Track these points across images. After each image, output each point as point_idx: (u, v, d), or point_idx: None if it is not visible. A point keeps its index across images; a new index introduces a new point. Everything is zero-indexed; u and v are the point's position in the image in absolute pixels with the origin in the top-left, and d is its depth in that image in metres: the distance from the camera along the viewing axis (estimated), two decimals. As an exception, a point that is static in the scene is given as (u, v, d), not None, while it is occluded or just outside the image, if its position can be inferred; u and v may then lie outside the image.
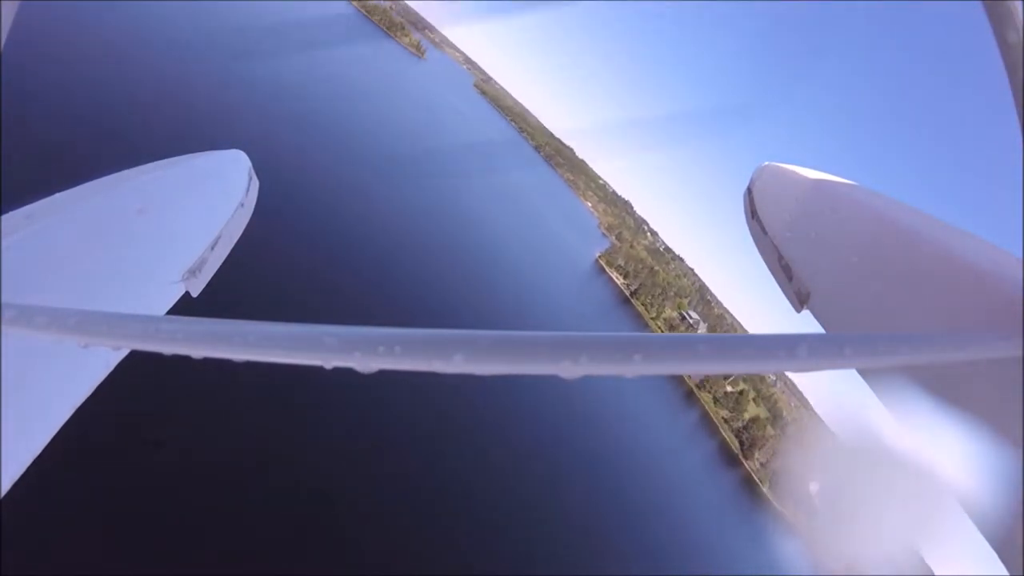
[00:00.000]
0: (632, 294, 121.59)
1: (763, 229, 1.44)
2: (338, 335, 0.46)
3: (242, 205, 1.51)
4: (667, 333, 0.49)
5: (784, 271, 1.34)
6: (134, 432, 18.87)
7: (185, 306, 1.12)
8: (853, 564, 0.57)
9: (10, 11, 0.73)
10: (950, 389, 0.88)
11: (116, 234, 1.17)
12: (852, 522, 0.58)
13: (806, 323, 1.27)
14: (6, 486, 0.92)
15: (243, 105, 45.88)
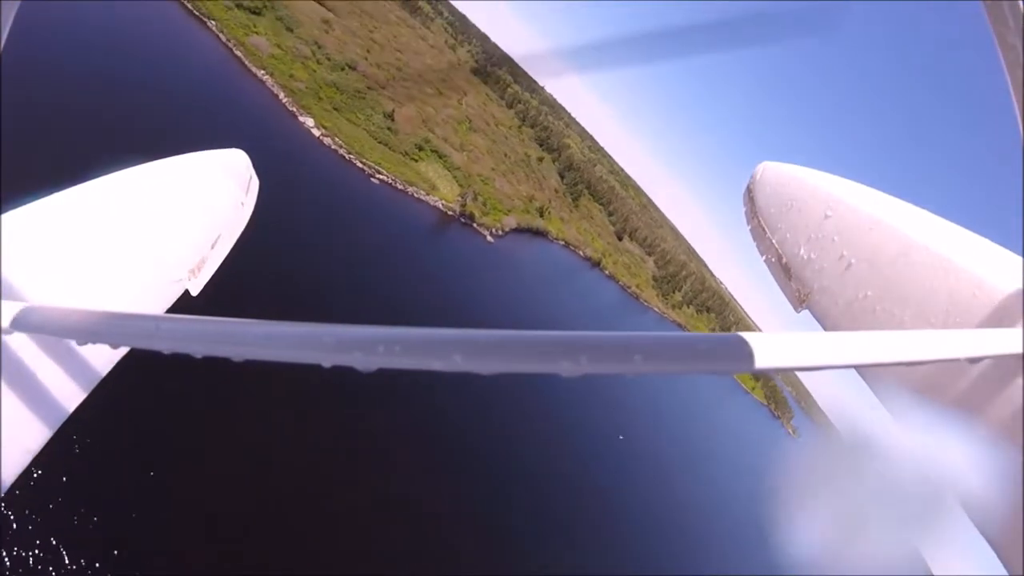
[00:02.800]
0: None
1: (763, 229, 1.44)
2: (338, 335, 0.47)
3: (242, 204, 1.51)
4: (667, 333, 0.49)
5: (784, 271, 1.34)
6: (134, 432, 18.87)
7: (185, 306, 1.12)
8: (852, 564, 0.57)
9: (10, 11, 0.73)
10: (950, 389, 0.88)
11: (116, 234, 1.17)
12: (852, 523, 0.58)
13: (806, 323, 1.25)
14: (6, 485, 0.92)
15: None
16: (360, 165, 53.88)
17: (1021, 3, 0.62)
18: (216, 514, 18.97)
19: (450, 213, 62.35)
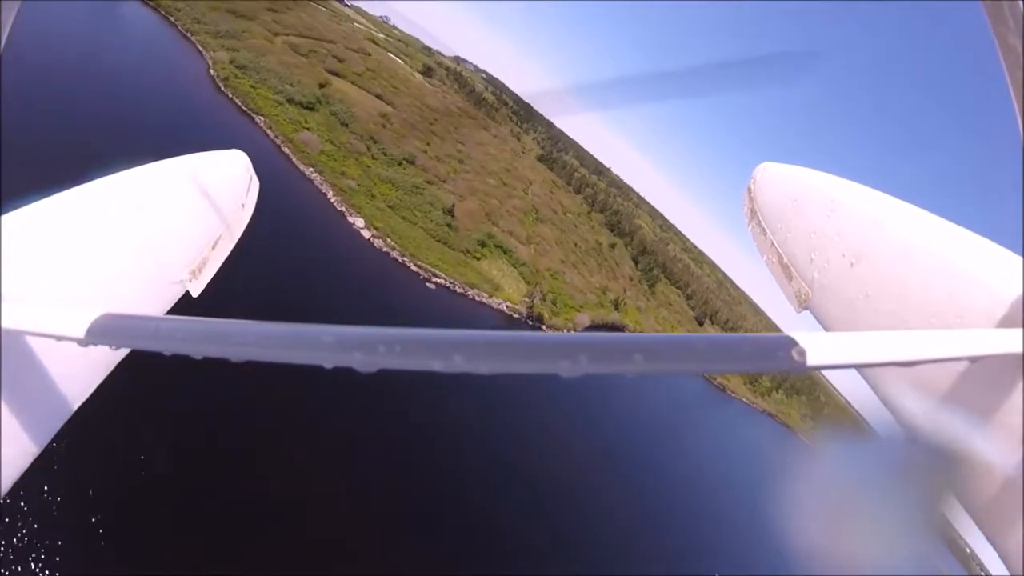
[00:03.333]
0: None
1: (763, 229, 1.44)
2: (338, 335, 0.47)
3: (243, 205, 1.51)
4: (666, 333, 0.49)
5: (784, 271, 1.34)
6: (134, 433, 18.87)
7: (185, 306, 1.12)
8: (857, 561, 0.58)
9: (10, 11, 0.73)
10: (950, 389, 0.88)
11: (116, 234, 1.17)
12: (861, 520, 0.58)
13: (806, 323, 1.25)
14: (6, 486, 0.92)
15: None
16: (415, 268, 48.17)
17: (1021, 3, 0.62)
18: (216, 514, 18.97)
19: (516, 316, 53.90)
